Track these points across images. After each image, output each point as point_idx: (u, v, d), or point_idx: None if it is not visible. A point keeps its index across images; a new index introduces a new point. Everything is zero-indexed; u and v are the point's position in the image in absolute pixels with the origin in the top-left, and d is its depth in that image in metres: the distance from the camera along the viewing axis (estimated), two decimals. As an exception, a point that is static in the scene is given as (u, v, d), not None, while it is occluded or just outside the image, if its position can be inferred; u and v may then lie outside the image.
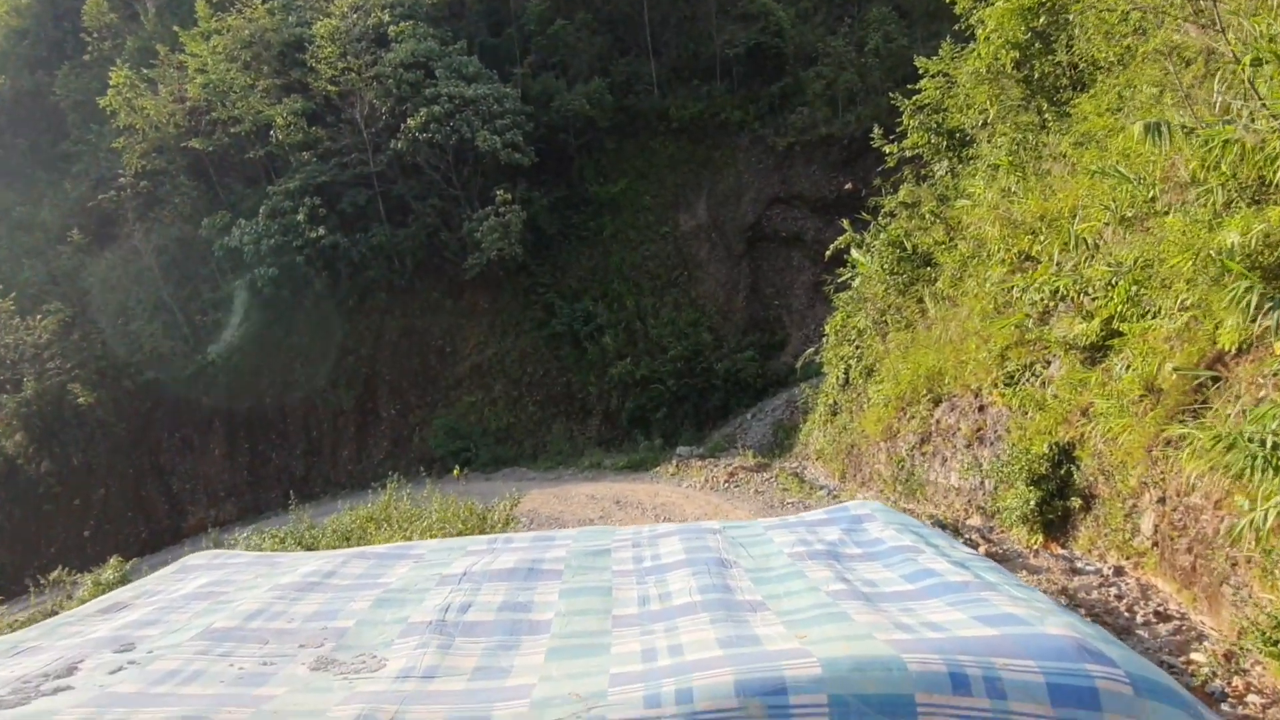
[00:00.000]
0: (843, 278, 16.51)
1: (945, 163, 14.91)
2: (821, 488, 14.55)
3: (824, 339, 17.97)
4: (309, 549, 15.31)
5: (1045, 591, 5.38)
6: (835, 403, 16.43)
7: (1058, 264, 9.04)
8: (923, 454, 11.86)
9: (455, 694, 2.21)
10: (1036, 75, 11.88)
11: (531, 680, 2.30)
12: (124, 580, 19.36)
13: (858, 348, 15.87)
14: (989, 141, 13.39)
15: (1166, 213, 6.99)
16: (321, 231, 23.91)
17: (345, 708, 2.10)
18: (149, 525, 25.02)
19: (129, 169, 26.21)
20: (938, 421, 11.59)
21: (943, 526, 10.47)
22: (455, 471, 14.80)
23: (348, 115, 25.56)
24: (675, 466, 18.51)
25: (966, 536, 10.14)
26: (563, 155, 27.18)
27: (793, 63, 27.68)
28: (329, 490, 25.26)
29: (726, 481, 15.78)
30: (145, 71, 27.44)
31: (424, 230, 25.25)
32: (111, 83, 26.58)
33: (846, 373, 16.08)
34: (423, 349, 25.66)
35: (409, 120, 24.09)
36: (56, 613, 19.43)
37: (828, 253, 17.45)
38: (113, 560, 19.86)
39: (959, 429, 10.96)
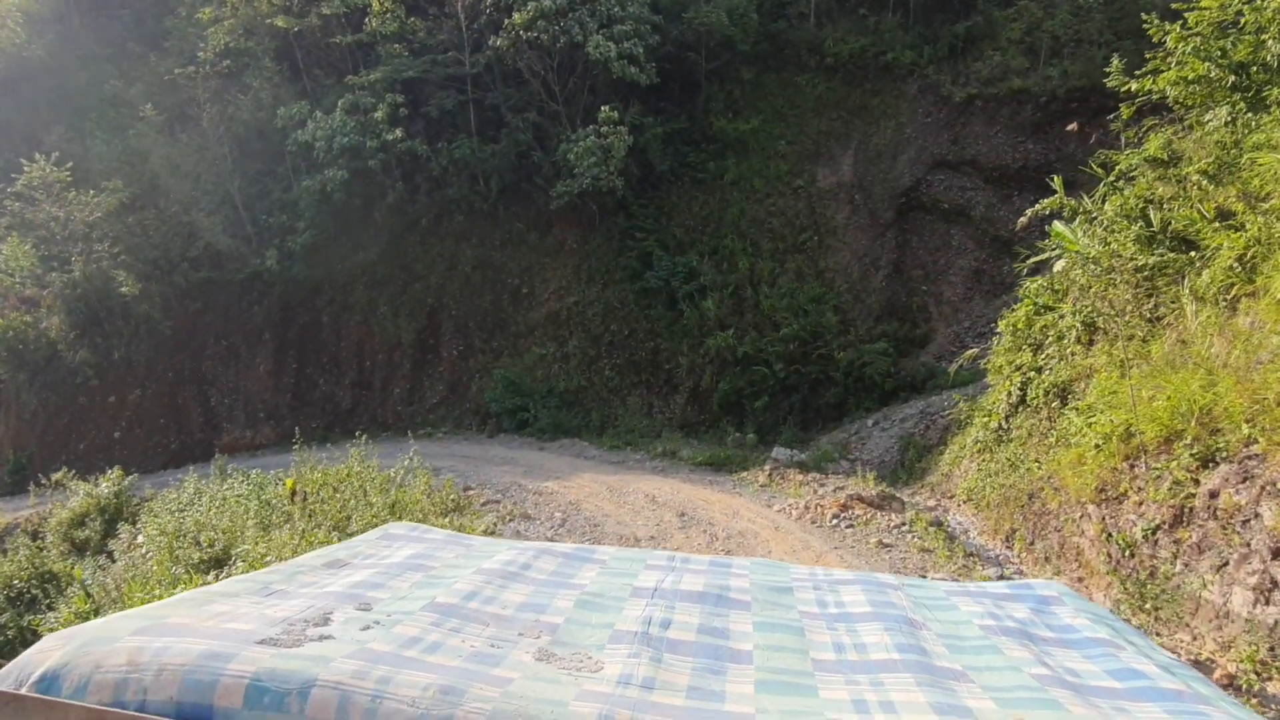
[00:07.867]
0: (1038, 256, 12.55)
1: (1225, 108, 10.57)
2: (981, 556, 9.96)
3: (994, 338, 13.62)
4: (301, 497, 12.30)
5: None
6: (1002, 427, 12.10)
7: None
8: (1175, 542, 7.41)
9: (678, 709, 2.18)
10: None
11: (748, 710, 2.22)
12: (119, 494, 17.14)
13: (1048, 356, 11.63)
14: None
15: None
16: (399, 134, 20.68)
17: (583, 705, 2.08)
18: (180, 436, 22.84)
19: (213, 45, 23.73)
20: (1210, 495, 7.15)
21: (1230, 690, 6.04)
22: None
23: (450, 8, 22.13)
24: (768, 475, 14.37)
25: (1273, 711, 5.73)
26: (689, 80, 22.91)
27: (986, -1, 22.46)
28: (373, 429, 22.35)
29: (836, 516, 11.36)
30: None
31: (515, 148, 21.64)
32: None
33: (1024, 388, 11.90)
34: (496, 286, 22.22)
35: (514, 15, 20.40)
36: (41, 531, 17.17)
37: (1021, 219, 13.14)
38: (112, 472, 17.64)
39: (1257, 516, 6.62)
